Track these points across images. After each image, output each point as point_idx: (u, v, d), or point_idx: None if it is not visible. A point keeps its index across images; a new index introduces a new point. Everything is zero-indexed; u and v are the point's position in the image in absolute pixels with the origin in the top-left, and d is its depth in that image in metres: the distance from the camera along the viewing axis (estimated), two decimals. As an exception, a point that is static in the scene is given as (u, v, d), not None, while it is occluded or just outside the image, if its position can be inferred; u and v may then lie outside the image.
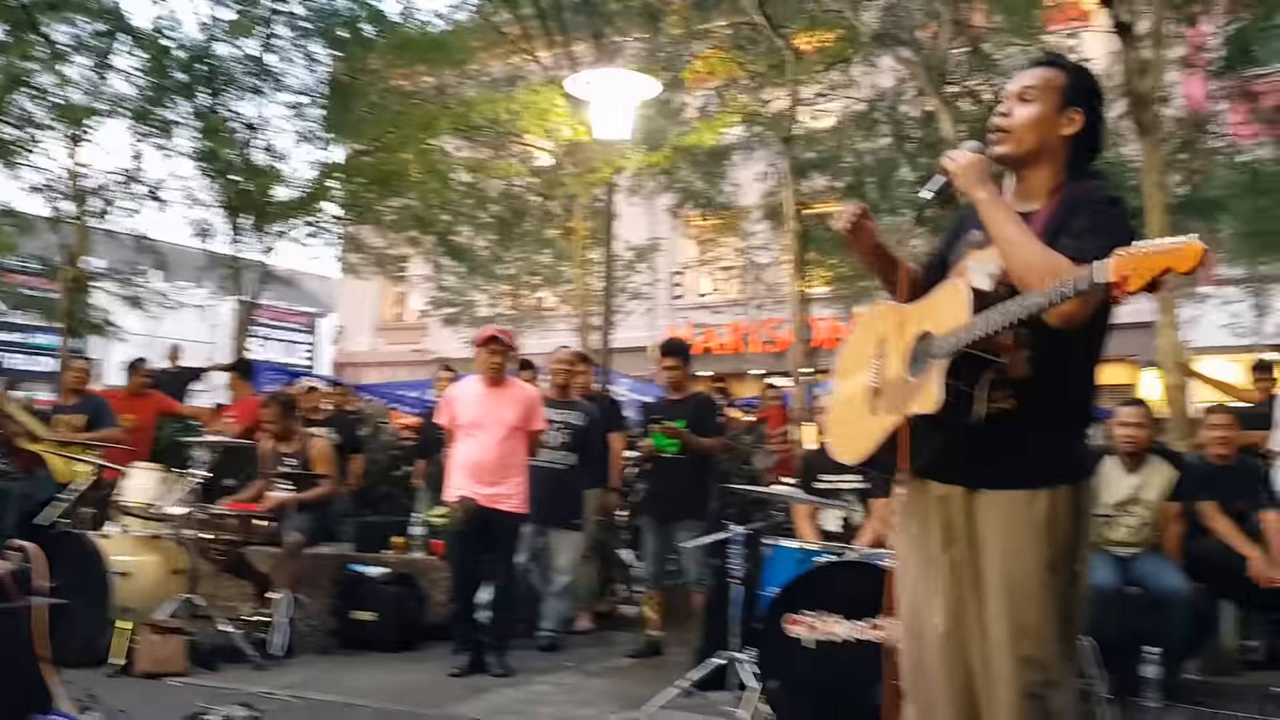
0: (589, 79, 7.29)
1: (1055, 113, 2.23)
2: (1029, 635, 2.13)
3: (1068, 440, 2.22)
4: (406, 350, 23.19)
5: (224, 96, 10.02)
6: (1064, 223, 2.15)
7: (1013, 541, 2.16)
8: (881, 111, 9.75)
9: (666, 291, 21.23)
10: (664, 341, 5.98)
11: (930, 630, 2.28)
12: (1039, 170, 2.25)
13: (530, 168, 10.37)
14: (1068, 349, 2.14)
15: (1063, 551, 2.15)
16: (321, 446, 6.05)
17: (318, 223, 10.43)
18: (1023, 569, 2.14)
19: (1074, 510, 2.17)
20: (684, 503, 5.61)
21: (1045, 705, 2.12)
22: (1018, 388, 2.15)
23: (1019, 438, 2.16)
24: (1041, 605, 2.13)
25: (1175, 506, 4.86)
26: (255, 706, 3.92)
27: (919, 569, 2.33)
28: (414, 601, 5.75)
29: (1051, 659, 2.13)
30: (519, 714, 4.19)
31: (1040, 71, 2.27)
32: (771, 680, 3.67)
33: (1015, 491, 2.17)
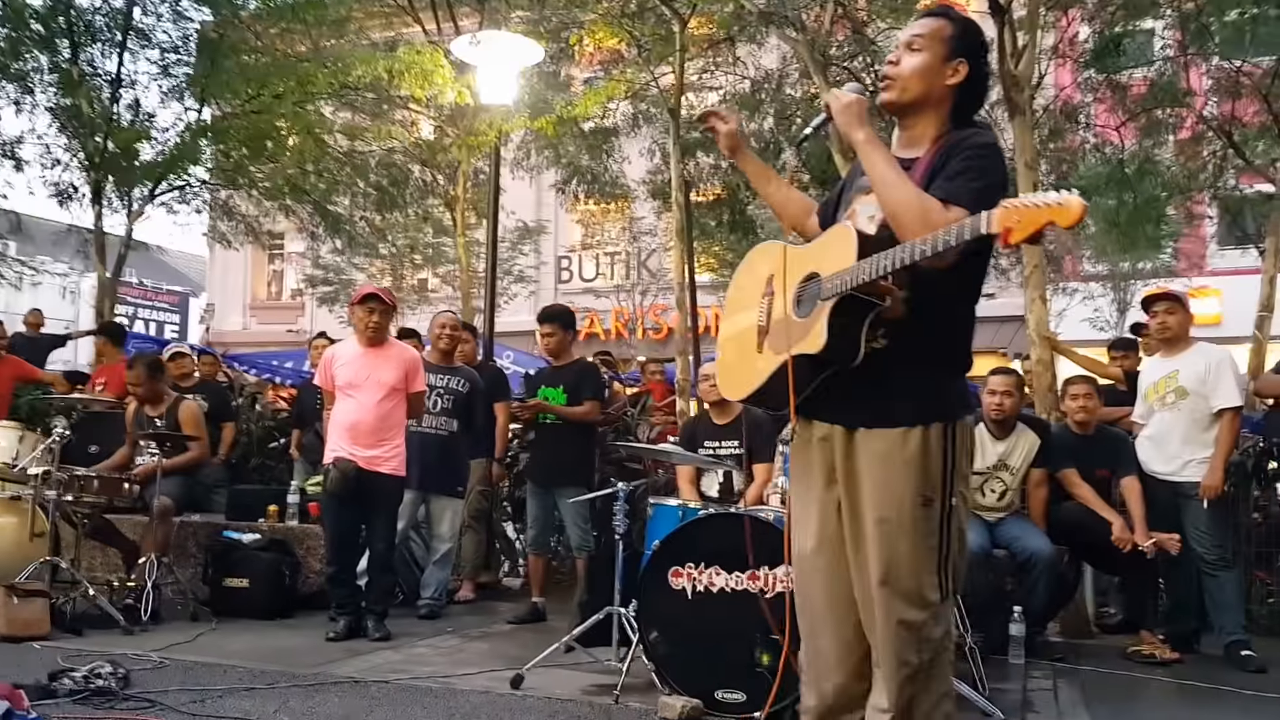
0: (474, 41, 7.14)
1: (941, 62, 2.27)
2: (902, 567, 2.18)
3: (940, 378, 2.27)
4: (281, 330, 22.48)
5: (86, 51, 9.44)
6: (941, 167, 2.20)
7: (886, 477, 2.21)
8: (766, 92, 9.88)
9: (552, 275, 21.17)
10: (543, 308, 5.91)
11: (809, 562, 2.34)
12: (924, 118, 2.30)
13: (412, 136, 10.09)
14: (940, 290, 2.19)
15: (935, 486, 2.20)
16: (191, 408, 5.83)
17: (186, 186, 9.92)
18: (895, 503, 2.19)
19: (946, 446, 2.22)
20: (567, 469, 5.58)
21: (920, 633, 2.18)
22: (891, 328, 2.20)
23: (892, 377, 2.21)
24: (914, 538, 2.18)
25: (1040, 473, 5.08)
26: (122, 665, 3.74)
27: (803, 506, 2.39)
28: (288, 569, 5.58)
29: (925, 590, 2.19)
30: (398, 673, 4.09)
31: (929, 21, 2.31)
32: (652, 632, 3.66)
33: (889, 429, 2.21)
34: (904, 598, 2.18)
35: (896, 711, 2.20)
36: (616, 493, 4.12)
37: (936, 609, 2.20)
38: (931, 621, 2.19)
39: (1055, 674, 4.49)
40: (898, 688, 2.19)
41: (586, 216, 19.70)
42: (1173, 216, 11.87)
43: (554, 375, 5.72)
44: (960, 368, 2.33)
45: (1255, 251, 11.41)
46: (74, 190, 9.79)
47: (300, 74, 8.07)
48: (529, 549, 5.88)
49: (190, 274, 29.01)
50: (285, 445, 7.59)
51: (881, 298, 2.16)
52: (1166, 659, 4.76)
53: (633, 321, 18.33)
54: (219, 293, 24.93)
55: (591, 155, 11.04)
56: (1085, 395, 5.31)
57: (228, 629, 4.99)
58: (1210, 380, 4.91)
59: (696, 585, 3.61)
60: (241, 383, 9.00)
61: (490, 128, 7.93)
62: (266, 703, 3.53)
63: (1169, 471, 5.00)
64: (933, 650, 2.19)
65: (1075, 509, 5.09)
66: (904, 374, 2.22)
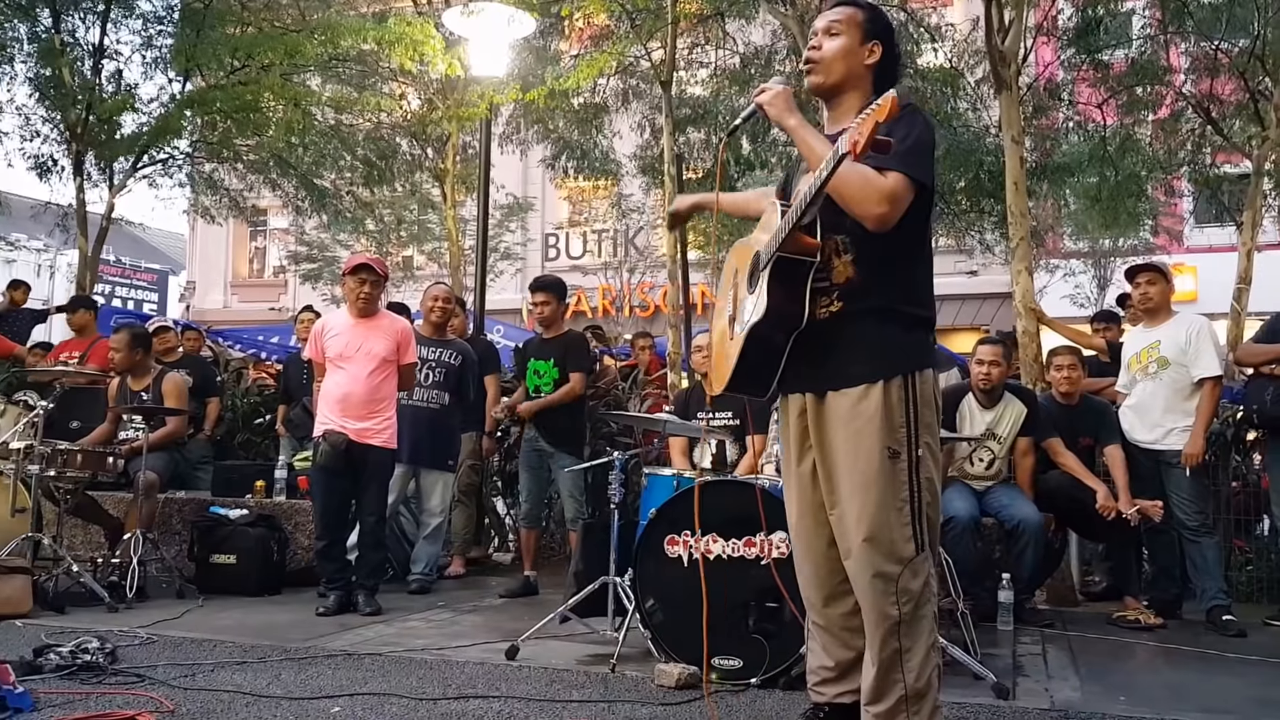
0: (465, 12, 7.08)
1: (859, 44, 2.44)
2: (873, 519, 2.26)
3: (895, 334, 2.34)
4: (263, 308, 22.30)
5: (68, 19, 9.27)
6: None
7: (851, 435, 2.30)
8: (755, 68, 9.90)
9: (539, 252, 21.12)
10: (536, 278, 5.89)
11: (795, 530, 2.52)
12: (848, 97, 2.46)
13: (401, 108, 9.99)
14: (886, 251, 2.30)
15: (900, 439, 2.29)
16: (175, 380, 5.76)
17: (169, 159, 9.78)
18: (864, 458, 2.28)
19: (909, 398, 2.31)
20: (561, 436, 5.57)
21: (897, 585, 2.25)
22: (843, 291, 2.32)
23: (848, 338, 2.32)
24: (884, 493, 2.26)
25: (1027, 441, 5.13)
26: (109, 641, 3.72)
27: (787, 477, 2.53)
28: (276, 544, 5.55)
29: (899, 543, 2.26)
30: (391, 646, 4.09)
31: (843, 9, 2.47)
32: (649, 600, 3.68)
33: (850, 389, 2.31)
34: (879, 551, 2.25)
35: (880, 665, 2.25)
36: (612, 461, 4.12)
37: (913, 561, 2.27)
38: (909, 574, 2.26)
39: (1044, 639, 4.56)
40: (880, 640, 2.26)
41: (575, 193, 19.64)
42: (1152, 194, 12.00)
43: (543, 347, 5.71)
44: (918, 321, 2.40)
45: (1230, 229, 11.54)
46: (53, 163, 9.64)
47: (288, 44, 7.95)
48: (521, 523, 5.89)
49: (169, 251, 28.67)
50: (271, 421, 7.54)
51: (810, 253, 2.29)
52: (1150, 624, 4.86)
53: (620, 299, 18.32)
54: (199, 270, 24.68)
55: (581, 131, 11.00)
56: (1070, 366, 5.38)
57: (215, 606, 4.96)
58: (1191, 350, 4.99)
59: (693, 552, 3.63)
60: (226, 358, 8.92)
61: (481, 99, 7.86)
62: (258, 676, 3.52)
63: (1151, 440, 5.08)
64: (912, 602, 2.25)
65: (1060, 477, 5.15)
66: (859, 334, 2.32)
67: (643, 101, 10.79)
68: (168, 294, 25.82)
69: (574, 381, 5.57)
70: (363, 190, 11.38)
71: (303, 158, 10.11)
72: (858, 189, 2.20)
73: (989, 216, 11.16)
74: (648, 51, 8.43)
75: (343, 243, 16.98)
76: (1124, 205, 10.84)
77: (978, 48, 10.01)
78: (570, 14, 8.68)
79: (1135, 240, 14.61)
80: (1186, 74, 10.27)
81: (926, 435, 2.32)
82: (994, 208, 10.49)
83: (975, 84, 10.42)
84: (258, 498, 5.90)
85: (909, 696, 2.24)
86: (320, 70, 9.45)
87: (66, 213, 10.44)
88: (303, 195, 10.90)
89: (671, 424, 4.45)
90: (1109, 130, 10.20)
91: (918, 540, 2.27)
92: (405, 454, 5.35)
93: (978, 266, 16.51)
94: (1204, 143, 10.52)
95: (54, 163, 9.65)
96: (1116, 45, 9.99)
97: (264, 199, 13.42)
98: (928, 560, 2.31)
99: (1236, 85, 9.51)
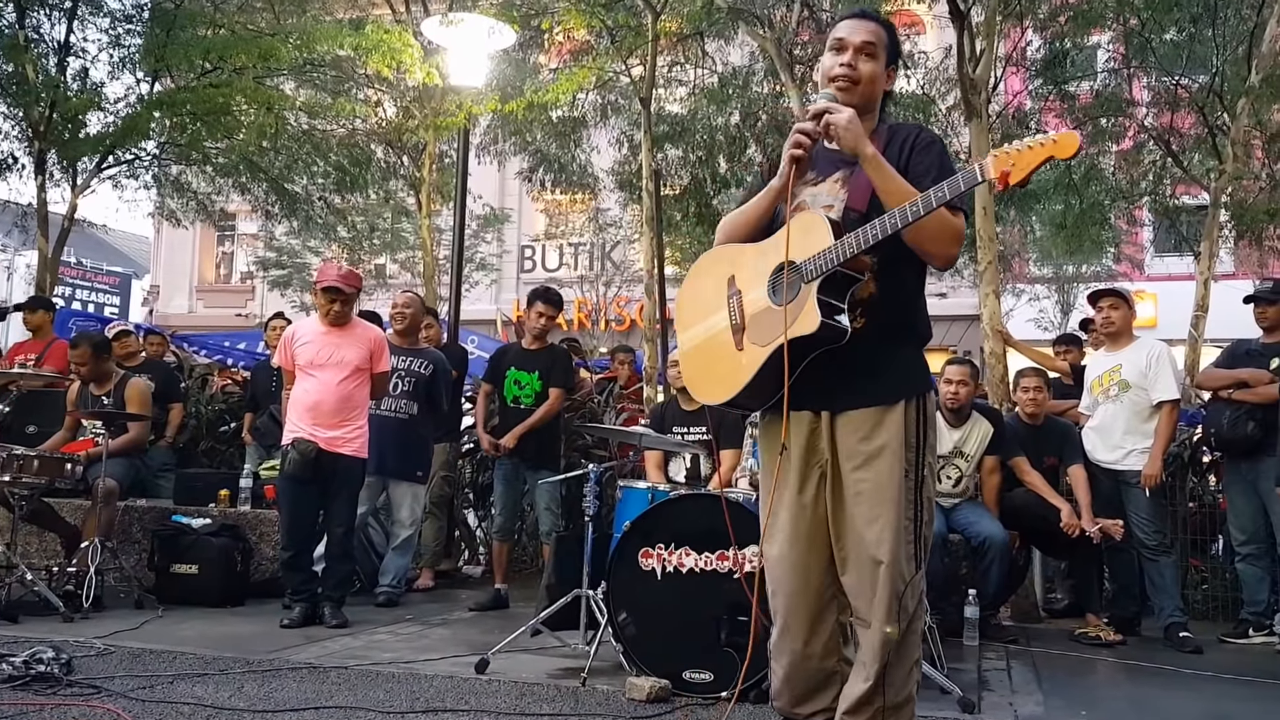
0: (445, 22, 7.08)
1: (884, 68, 2.42)
2: (891, 541, 2.24)
3: (910, 353, 2.36)
4: (229, 314, 22.03)
5: (33, 15, 9.12)
6: (899, 155, 2.33)
7: (875, 453, 2.27)
8: (733, 88, 10.00)
9: (515, 264, 21.09)
10: (541, 288, 5.83)
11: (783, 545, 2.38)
12: (865, 119, 2.39)
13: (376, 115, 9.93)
14: (903, 267, 2.30)
15: (912, 460, 2.29)
16: (139, 386, 5.67)
17: (135, 160, 9.63)
18: (886, 478, 2.26)
19: (921, 418, 2.32)
20: (539, 449, 5.56)
21: (901, 604, 2.24)
22: (866, 306, 2.29)
23: (871, 355, 2.29)
24: (898, 511, 2.25)
25: (993, 460, 5.22)
26: (64, 651, 3.63)
27: (776, 499, 2.41)
28: (240, 555, 5.46)
29: (904, 561, 2.25)
30: (358, 659, 4.04)
31: (874, 28, 2.44)
32: (621, 613, 3.68)
33: (871, 408, 2.29)
34: (893, 572, 2.23)
35: (874, 680, 2.25)
36: (587, 474, 4.12)
37: (914, 580, 2.27)
38: (909, 593, 2.26)
39: (1008, 655, 4.63)
40: (879, 657, 2.25)
41: (551, 206, 19.64)
42: (1114, 223, 12.27)
43: (526, 358, 5.66)
44: (923, 340, 2.42)
45: (1189, 259, 11.82)
46: (14, 161, 9.45)
47: (263, 47, 7.86)
48: (494, 535, 5.85)
49: (133, 254, 28.25)
50: (236, 428, 7.43)
51: (861, 272, 2.25)
52: (1110, 640, 4.96)
53: (596, 313, 18.33)
54: (164, 274, 24.31)
55: (559, 144, 11.02)
56: (1035, 388, 5.49)
57: (175, 616, 4.87)
58: (1150, 374, 5.12)
59: (666, 566, 3.64)
60: (191, 364, 8.78)
61: (460, 109, 7.84)
62: (220, 688, 3.45)
63: (1112, 460, 5.20)
64: (908, 620, 2.26)
65: (1025, 496, 5.24)
66: (879, 352, 2.30)
67: (621, 117, 10.85)
68: (130, 298, 25.41)
69: (553, 398, 5.57)
70: (335, 196, 11.28)
71: (274, 162, 10.01)
72: (937, 229, 2.19)
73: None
74: (627, 68, 8.49)
75: (313, 249, 16.82)
76: (1088, 233, 11.08)
77: (949, 75, 10.19)
78: (551, 28, 8.72)
79: (1098, 266, 14.93)
80: (1148, 108, 10.55)
81: (929, 455, 2.33)
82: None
83: (946, 111, 10.62)
84: (222, 506, 5.80)
85: (887, 709, 2.25)
86: (295, 75, 9.36)
87: (26, 212, 10.24)
88: (273, 200, 10.78)
89: (647, 437, 4.46)
90: (1074, 160, 10.40)
91: (917, 559, 2.28)
92: (374, 464, 5.28)
93: (947, 289, 16.75)
94: (1164, 175, 10.80)
95: (14, 160, 9.44)
96: (1082, 77, 10.26)
97: (233, 203, 13.24)
98: (922, 578, 2.31)
99: (1196, 120, 9.77)
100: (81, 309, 21.32)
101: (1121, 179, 11.12)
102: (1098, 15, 9.30)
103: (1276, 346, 5.13)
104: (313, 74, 9.39)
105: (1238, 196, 10.24)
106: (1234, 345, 5.41)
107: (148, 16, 9.36)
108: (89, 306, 22.97)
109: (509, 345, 6.08)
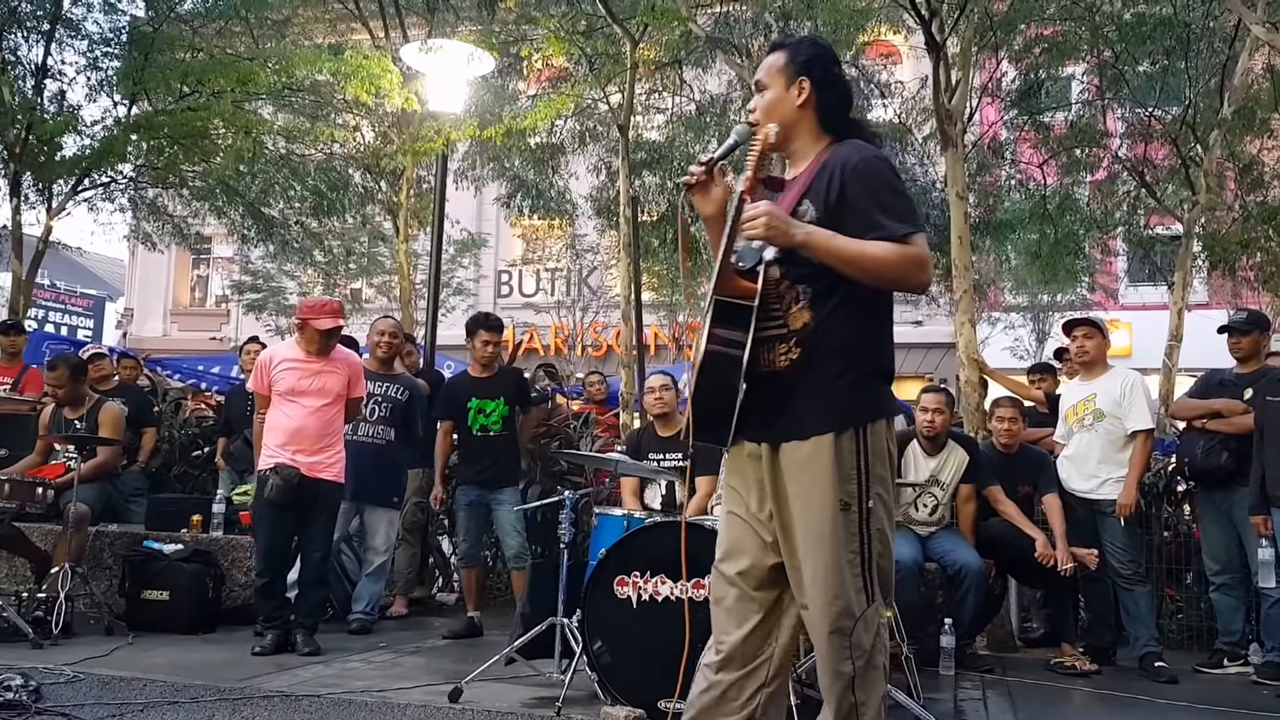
0: (424, 48, 7.11)
1: (785, 90, 2.41)
2: (828, 575, 2.21)
3: (851, 386, 2.30)
4: (204, 338, 21.87)
5: (10, 37, 9.10)
6: (826, 188, 2.30)
7: (805, 487, 2.25)
8: (710, 116, 10.10)
9: (491, 289, 21.09)
10: (483, 315, 5.79)
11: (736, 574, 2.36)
12: (797, 140, 2.43)
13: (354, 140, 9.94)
14: (845, 297, 2.27)
15: (852, 491, 2.25)
16: (113, 410, 5.61)
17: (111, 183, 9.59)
18: (818, 512, 2.23)
19: (862, 450, 2.27)
20: (495, 475, 5.51)
21: (851, 640, 2.20)
22: (801, 338, 2.29)
23: (804, 387, 2.28)
24: (835, 545, 2.22)
25: (969, 488, 5.23)
26: (33, 678, 3.57)
27: (727, 525, 2.41)
28: (212, 581, 5.38)
29: (852, 596, 2.21)
30: (330, 688, 3.99)
31: (767, 60, 2.48)
32: (597, 642, 3.66)
33: (804, 440, 2.27)
34: (835, 608, 2.20)
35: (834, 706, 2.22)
36: (563, 500, 4.10)
37: (865, 614, 2.22)
38: (861, 627, 2.21)
39: (984, 684, 4.62)
40: (838, 697, 2.22)
41: (529, 231, 19.68)
42: (1089, 252, 12.43)
43: (485, 385, 5.57)
44: (875, 372, 2.35)
45: (1163, 289, 11.98)
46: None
47: (241, 72, 7.87)
48: (460, 563, 5.79)
49: (107, 277, 28.01)
50: (210, 453, 7.36)
51: (748, 297, 2.26)
52: (1086, 670, 4.96)
53: (573, 338, 18.33)
54: (139, 297, 24.15)
55: (537, 170, 11.08)
56: (1011, 418, 5.49)
57: (146, 643, 4.79)
58: (1125, 403, 5.15)
59: (642, 594, 3.62)
60: (165, 388, 8.69)
61: (438, 135, 7.87)
62: (191, 716, 3.42)
63: (1087, 489, 5.21)
64: (864, 657, 2.21)
65: (1001, 525, 5.25)
66: (815, 383, 2.28)
67: (599, 144, 10.92)
68: (104, 321, 25.15)
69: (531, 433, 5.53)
70: (312, 220, 11.25)
71: (251, 186, 9.98)
72: (896, 268, 2.20)
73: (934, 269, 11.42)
74: (606, 95, 8.55)
75: (289, 273, 16.75)
76: (1062, 262, 11.21)
77: (925, 105, 10.34)
78: (530, 55, 8.78)
79: (1073, 296, 15.06)
80: (1123, 139, 10.72)
81: (878, 487, 2.28)
82: (939, 260, 10.75)
83: (922, 140, 10.76)
84: (194, 532, 5.73)
85: None
86: (273, 99, 9.36)
87: (1, 235, 10.16)
88: (249, 224, 10.75)
89: (623, 464, 4.45)
90: (1049, 189, 10.58)
91: (869, 591, 2.24)
92: (349, 490, 5.24)
93: (923, 317, 16.87)
94: (1138, 205, 10.97)
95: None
96: (1057, 108, 10.43)
97: (209, 226, 13.20)
98: (877, 612, 2.27)
99: (1169, 151, 9.94)
100: (55, 331, 21.05)
101: (1096, 209, 11.29)
102: (1072, 47, 9.48)
103: (1250, 377, 5.16)
104: (291, 98, 9.41)
105: (1211, 227, 10.41)
106: (1208, 375, 5.46)
107: (126, 40, 9.37)
108: (62, 329, 22.68)
109: (457, 378, 6.01)
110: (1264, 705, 4.39)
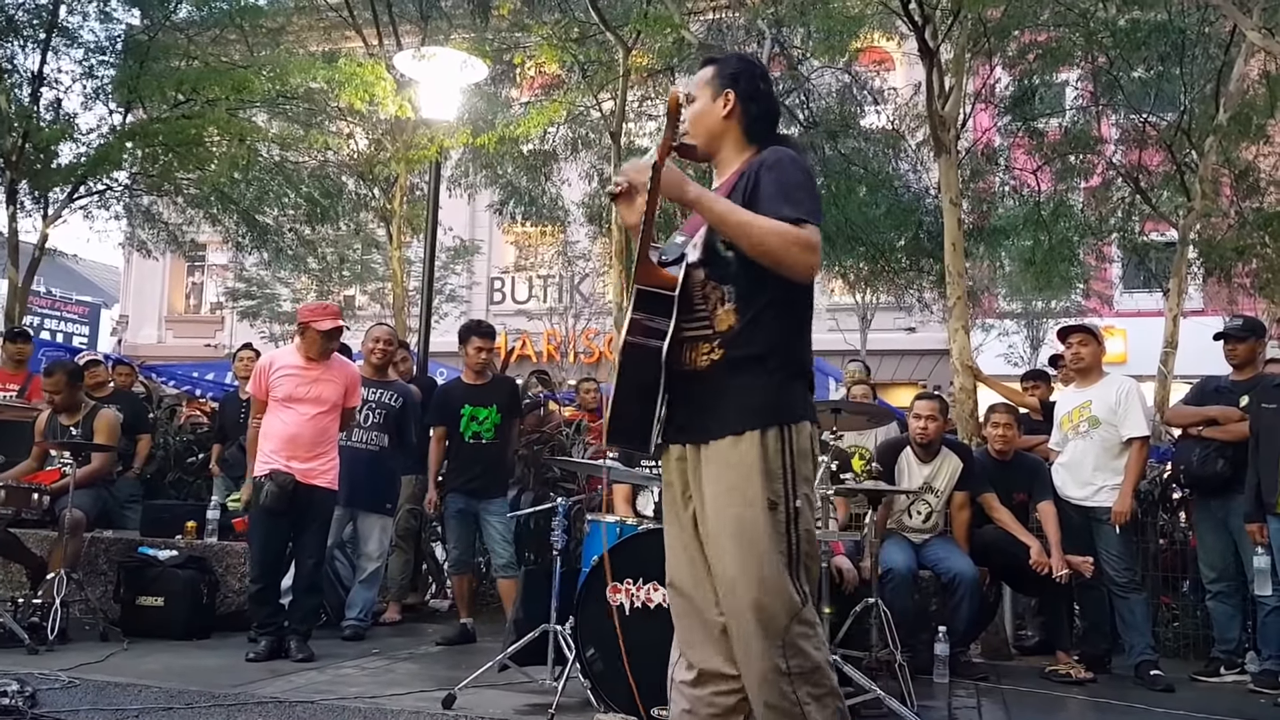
0: (418, 55, 7.12)
1: (711, 102, 2.46)
2: (754, 572, 2.19)
3: (774, 384, 2.29)
4: (199, 344, 21.86)
5: (6, 46, 9.12)
6: (746, 186, 2.34)
7: (728, 485, 2.24)
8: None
9: (484, 296, 21.09)
10: (477, 322, 5.80)
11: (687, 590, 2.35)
12: (723, 151, 2.48)
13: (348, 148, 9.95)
14: (770, 297, 2.28)
15: (778, 490, 2.23)
16: (108, 417, 5.62)
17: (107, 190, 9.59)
18: (739, 511, 2.22)
19: (785, 449, 2.26)
20: (484, 484, 5.50)
21: (781, 637, 2.17)
22: (725, 339, 2.29)
23: (727, 387, 2.28)
24: (761, 543, 2.20)
25: (963, 495, 5.22)
26: (29, 684, 3.57)
27: (667, 528, 2.43)
28: (207, 587, 5.38)
29: (779, 592, 2.18)
30: (324, 694, 3.98)
31: (698, 74, 2.55)
32: (589, 649, 3.65)
33: (727, 439, 2.26)
34: (759, 604, 2.17)
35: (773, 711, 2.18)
36: (556, 508, 4.10)
37: (795, 610, 2.19)
38: (792, 623, 2.18)
39: (978, 692, 4.61)
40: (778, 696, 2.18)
41: (521, 238, 19.69)
42: (1084, 258, 12.45)
43: (478, 393, 5.57)
44: (795, 373, 2.35)
45: (1158, 295, 12.00)
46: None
47: (236, 80, 7.89)
48: (451, 570, 5.78)
49: (102, 284, 28.01)
50: (204, 460, 7.35)
51: (664, 286, 2.28)
52: (1081, 678, 4.94)
53: (565, 344, 18.32)
54: (134, 304, 24.14)
55: (530, 177, 11.09)
56: (1006, 425, 5.49)
57: (141, 649, 4.80)
58: (1120, 410, 5.14)
59: (635, 601, 3.61)
60: (160, 394, 8.69)
61: (431, 142, 7.88)
62: (186, 723, 3.41)
63: (1082, 497, 5.20)
64: (798, 653, 2.18)
65: (995, 532, 5.24)
66: (738, 383, 2.28)
67: (591, 151, 10.93)
68: (99, 327, 25.13)
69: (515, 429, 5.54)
70: (305, 228, 11.27)
71: (245, 193, 10.00)
72: (780, 243, 2.19)
73: (928, 275, 11.45)
74: (598, 102, 8.56)
75: (283, 280, 16.76)
76: (1057, 268, 11.22)
77: (919, 112, 10.35)
78: (523, 63, 8.80)
79: (1067, 302, 15.10)
80: (1117, 145, 10.74)
81: (804, 487, 2.27)
82: (933, 267, 10.79)
83: (916, 146, 10.77)
84: (188, 538, 5.72)
85: None
86: (267, 107, 9.38)
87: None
88: (244, 231, 10.76)
89: (615, 471, 4.44)
90: (1043, 196, 10.59)
91: (799, 591, 2.21)
92: (343, 496, 5.23)
93: (916, 324, 16.90)
94: (1133, 211, 10.98)
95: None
96: (1051, 115, 10.45)
97: (203, 234, 13.21)
98: (811, 610, 2.23)
99: (1164, 157, 9.95)
100: (50, 338, 21.03)
101: (1090, 215, 11.30)
102: (1066, 53, 9.50)
103: (1246, 384, 5.16)
104: (285, 106, 9.42)
105: (1206, 234, 10.43)
106: (1203, 382, 5.46)
107: (121, 48, 9.40)
108: (58, 336, 22.65)
109: (450, 384, 6.00)
110: (1260, 714, 4.39)
